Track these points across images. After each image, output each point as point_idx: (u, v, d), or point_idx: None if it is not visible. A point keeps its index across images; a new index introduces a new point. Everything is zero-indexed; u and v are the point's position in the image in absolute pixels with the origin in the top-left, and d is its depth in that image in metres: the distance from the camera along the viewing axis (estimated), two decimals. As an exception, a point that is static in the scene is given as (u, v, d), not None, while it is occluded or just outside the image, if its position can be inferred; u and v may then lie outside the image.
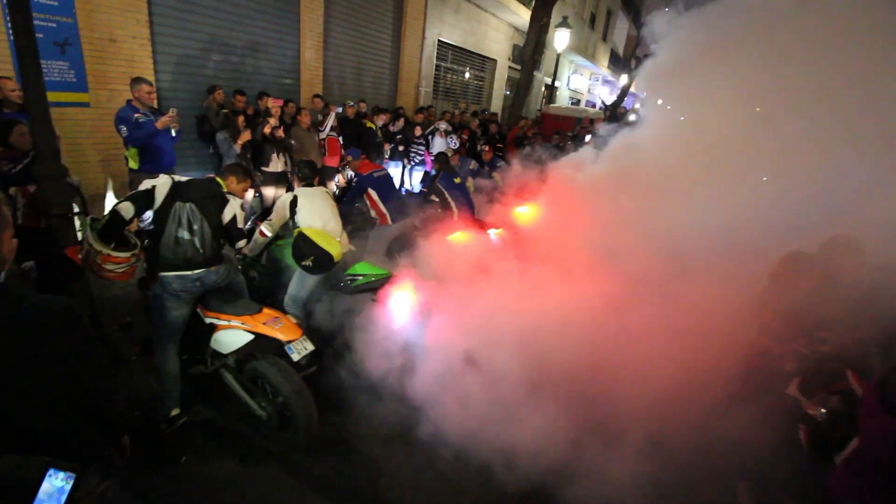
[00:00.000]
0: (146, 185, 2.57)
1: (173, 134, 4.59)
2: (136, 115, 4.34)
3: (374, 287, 3.28)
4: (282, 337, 2.57)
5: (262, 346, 2.66)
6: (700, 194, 3.55)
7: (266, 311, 2.68)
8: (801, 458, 2.14)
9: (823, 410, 2.08)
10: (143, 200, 2.56)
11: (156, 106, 4.66)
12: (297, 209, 3.31)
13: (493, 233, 5.12)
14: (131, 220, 2.60)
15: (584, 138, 10.06)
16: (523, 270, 4.10)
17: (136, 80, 4.42)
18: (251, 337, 2.60)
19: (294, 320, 2.75)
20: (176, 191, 2.57)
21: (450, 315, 3.24)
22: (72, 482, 1.01)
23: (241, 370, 2.77)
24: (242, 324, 2.62)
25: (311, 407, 2.61)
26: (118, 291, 4.37)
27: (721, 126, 3.57)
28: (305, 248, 3.16)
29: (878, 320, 2.16)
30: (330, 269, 3.27)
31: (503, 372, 3.04)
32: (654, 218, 3.95)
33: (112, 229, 2.58)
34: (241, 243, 3.35)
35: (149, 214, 2.68)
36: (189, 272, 2.60)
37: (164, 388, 2.72)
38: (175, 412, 2.75)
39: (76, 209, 3.24)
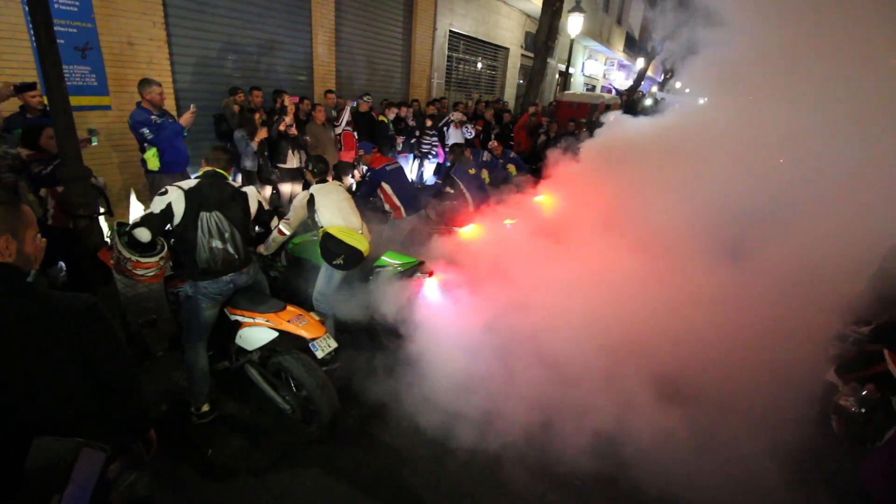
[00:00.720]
0: (160, 204, 2.50)
1: (186, 134, 4.66)
2: (153, 116, 4.41)
3: (406, 274, 3.29)
4: (306, 334, 2.61)
5: (284, 342, 2.70)
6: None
7: (290, 308, 2.72)
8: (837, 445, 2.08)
9: (855, 402, 2.01)
10: (160, 220, 2.51)
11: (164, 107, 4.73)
12: (315, 207, 3.32)
13: (508, 223, 5.09)
14: (152, 241, 2.61)
15: (599, 125, 9.87)
16: (542, 257, 4.09)
17: (146, 82, 4.45)
18: (276, 334, 2.64)
19: (317, 318, 2.78)
20: (193, 199, 2.51)
21: (477, 304, 3.26)
22: (103, 461, 1.05)
23: (265, 365, 2.82)
24: (267, 321, 2.66)
25: (334, 399, 2.65)
26: (142, 289, 4.50)
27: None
28: (334, 246, 3.19)
29: None
30: (359, 264, 3.30)
31: (528, 361, 3.04)
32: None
33: (131, 244, 2.61)
34: (262, 247, 3.42)
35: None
36: (224, 276, 2.66)
37: (194, 384, 2.80)
38: (206, 408, 2.83)
39: (101, 210, 3.33)
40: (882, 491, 1.63)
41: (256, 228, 3.50)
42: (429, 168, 8.51)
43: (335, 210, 3.33)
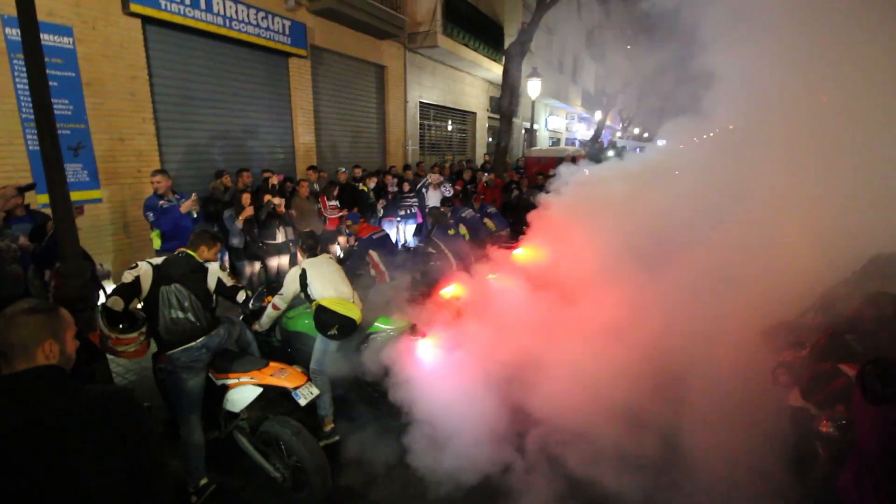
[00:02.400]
0: (129, 276, 2.70)
1: (194, 216, 4.96)
2: (161, 202, 4.76)
3: (398, 339, 3.41)
4: (288, 384, 2.73)
5: (276, 403, 2.81)
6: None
7: (272, 364, 2.87)
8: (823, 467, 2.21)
9: (832, 425, 2.17)
10: (130, 291, 2.69)
11: (170, 193, 5.00)
12: (307, 281, 3.45)
13: (491, 278, 5.31)
14: (125, 310, 2.75)
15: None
16: (528, 309, 4.28)
17: (154, 172, 4.89)
18: (260, 390, 2.75)
19: (299, 369, 2.91)
20: (158, 274, 2.73)
21: (471, 362, 3.37)
22: None
23: (255, 432, 2.87)
24: (251, 378, 2.77)
25: (325, 466, 2.69)
26: (134, 377, 4.47)
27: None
28: (328, 317, 3.30)
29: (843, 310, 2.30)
30: (353, 333, 3.43)
31: (528, 419, 3.12)
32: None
33: (112, 320, 2.77)
34: (256, 325, 3.55)
35: None
36: (192, 343, 2.77)
37: (190, 459, 2.80)
38: (203, 481, 2.83)
39: (102, 299, 3.45)
40: (852, 499, 1.77)
41: (248, 304, 3.63)
42: (409, 229, 8.83)
43: (326, 282, 3.46)
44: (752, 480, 2.52)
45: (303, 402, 2.73)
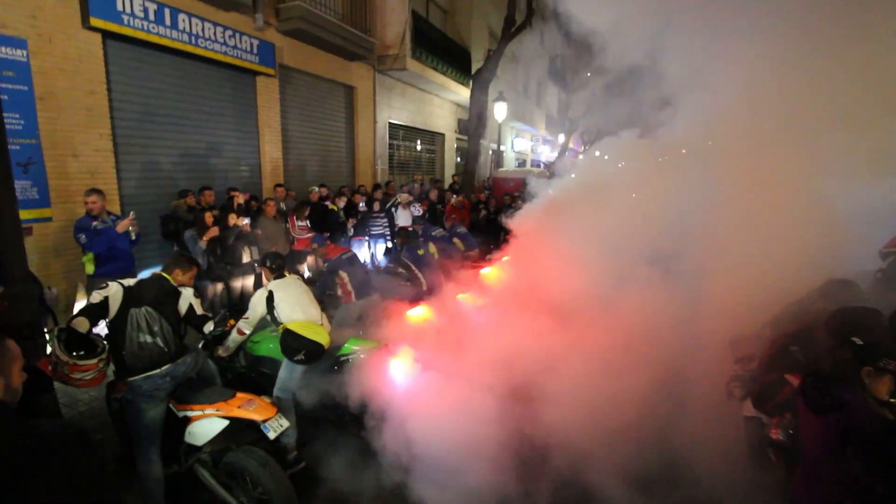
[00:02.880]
0: (97, 296, 2.63)
1: (133, 237, 4.69)
2: (95, 223, 4.48)
3: (368, 360, 3.36)
4: (257, 417, 2.62)
5: (239, 433, 2.65)
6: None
7: (239, 395, 2.74)
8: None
9: (782, 432, 2.32)
10: (97, 311, 2.62)
11: (113, 212, 4.79)
12: (274, 304, 3.35)
13: (461, 297, 5.37)
14: (89, 332, 2.65)
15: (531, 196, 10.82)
16: (499, 328, 4.34)
17: (88, 192, 4.62)
18: (226, 423, 2.62)
19: (268, 400, 2.80)
20: (129, 296, 2.64)
21: (442, 383, 3.36)
22: None
23: (218, 465, 2.73)
24: (217, 410, 2.64)
25: (293, 498, 2.58)
26: (83, 408, 4.19)
27: None
28: (294, 342, 3.21)
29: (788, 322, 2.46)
30: (320, 358, 3.35)
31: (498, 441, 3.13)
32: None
33: (73, 342, 2.62)
34: (220, 350, 3.43)
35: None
36: (156, 370, 2.64)
37: (148, 496, 2.64)
38: None
39: (47, 328, 3.24)
40: (803, 502, 1.89)
41: (210, 329, 3.51)
42: (379, 249, 8.81)
43: (294, 304, 3.38)
44: (714, 488, 2.64)
45: (272, 434, 2.63)
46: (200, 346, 3.76)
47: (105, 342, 2.77)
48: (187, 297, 2.91)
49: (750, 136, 3.55)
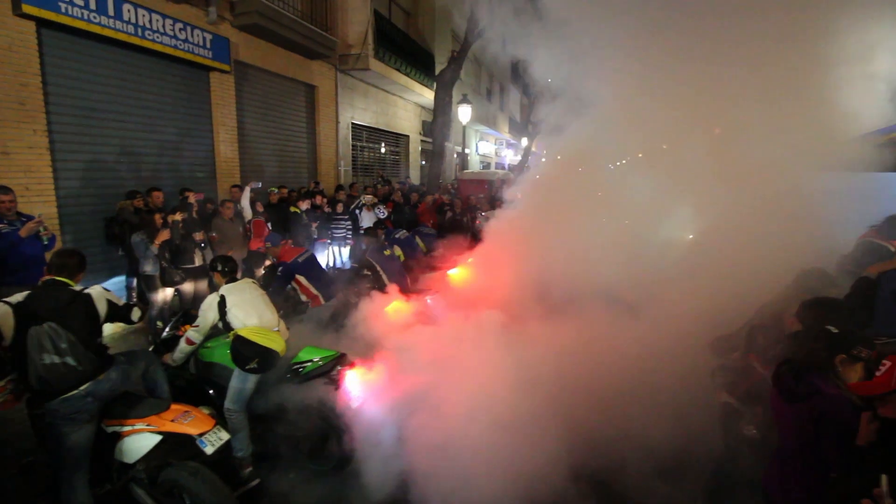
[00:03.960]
0: None
1: (45, 242, 4.16)
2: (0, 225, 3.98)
3: (325, 371, 3.20)
4: (193, 430, 2.43)
5: (175, 446, 2.44)
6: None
7: (174, 406, 2.54)
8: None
9: (755, 430, 2.36)
10: None
11: (29, 214, 4.28)
12: (226, 309, 3.13)
13: (428, 298, 5.30)
14: None
15: (499, 198, 10.93)
16: (467, 330, 4.29)
17: None
18: (159, 438, 2.41)
19: (206, 411, 2.61)
20: (20, 315, 2.25)
21: (406, 393, 3.25)
22: None
23: (154, 482, 2.49)
24: (148, 425, 2.43)
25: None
26: (17, 426, 3.81)
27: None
28: (246, 350, 3.01)
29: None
30: (275, 366, 3.17)
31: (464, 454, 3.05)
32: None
33: None
34: (168, 358, 3.21)
35: None
36: (74, 391, 2.33)
37: None
38: None
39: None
40: (777, 495, 1.93)
41: (161, 334, 3.27)
42: (344, 252, 8.61)
43: (249, 308, 3.18)
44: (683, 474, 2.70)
45: (209, 449, 2.43)
46: (151, 349, 3.50)
47: (10, 363, 2.42)
48: (100, 296, 2.54)
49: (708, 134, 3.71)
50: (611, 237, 4.38)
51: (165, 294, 5.19)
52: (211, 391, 3.37)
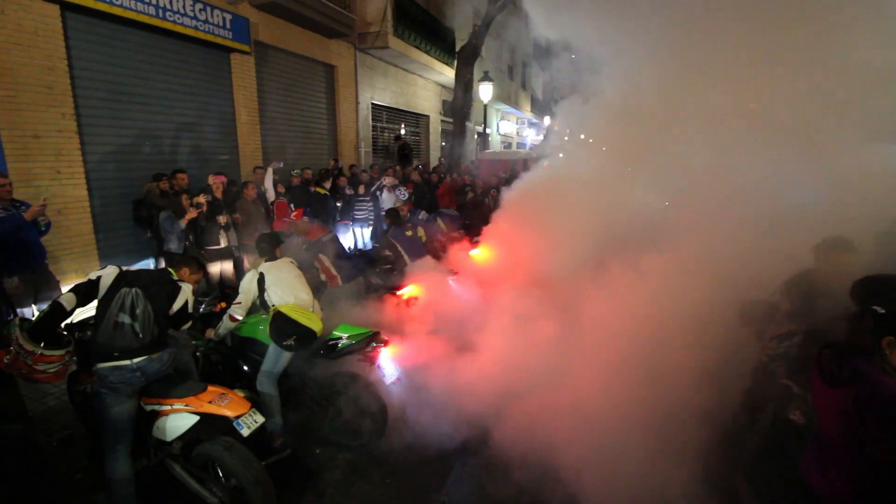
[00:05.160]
0: (92, 275, 2.52)
1: (42, 228, 4.10)
2: None
3: (359, 347, 3.22)
4: (229, 413, 2.47)
5: (211, 426, 2.52)
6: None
7: (211, 388, 2.58)
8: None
9: (801, 417, 2.23)
10: (87, 290, 2.50)
11: (23, 200, 4.17)
12: (265, 286, 3.21)
13: (450, 279, 5.25)
14: (72, 312, 2.50)
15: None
16: (490, 309, 4.23)
17: None
18: (196, 419, 2.47)
19: (242, 394, 2.67)
20: (122, 279, 2.52)
21: (436, 370, 3.26)
22: None
23: (189, 457, 2.60)
24: (186, 405, 2.49)
25: (268, 485, 2.46)
26: (54, 402, 3.98)
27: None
28: (286, 327, 3.06)
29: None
30: (312, 345, 3.20)
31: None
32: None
33: (51, 322, 2.49)
34: (211, 332, 3.32)
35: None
36: (127, 361, 2.44)
37: (117, 496, 2.48)
38: None
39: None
40: (817, 483, 1.82)
41: (199, 309, 3.35)
42: (366, 233, 8.61)
43: (286, 288, 3.24)
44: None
45: (245, 431, 2.48)
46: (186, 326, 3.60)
47: (71, 338, 2.64)
48: (186, 293, 2.71)
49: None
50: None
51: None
52: (245, 366, 3.45)
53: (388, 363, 3.19)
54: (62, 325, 2.63)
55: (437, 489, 2.91)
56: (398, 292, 4.68)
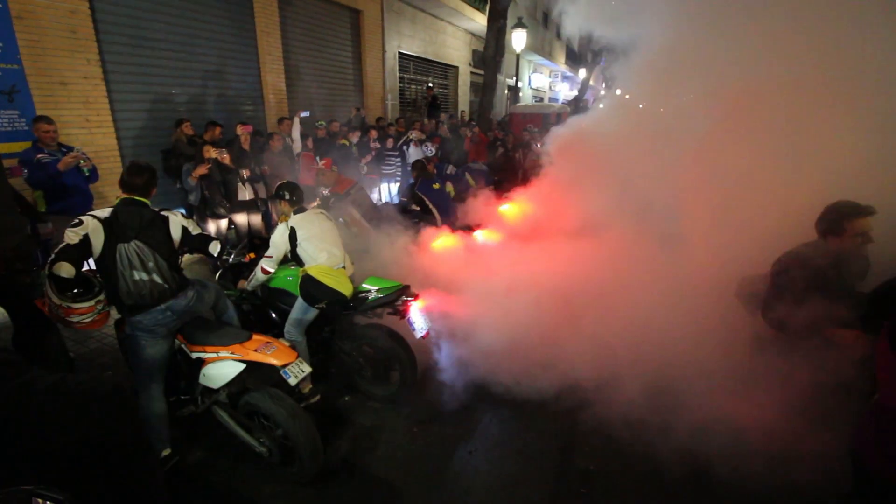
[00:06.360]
0: (74, 236, 2.25)
1: (86, 173, 4.29)
2: (40, 155, 4.09)
3: (389, 300, 3.15)
4: (276, 362, 2.42)
5: (257, 375, 2.51)
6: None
7: (256, 337, 2.54)
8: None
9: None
10: (78, 253, 2.27)
11: (68, 145, 4.38)
12: (297, 241, 3.11)
13: (478, 234, 5.07)
14: (78, 274, 2.34)
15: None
16: (518, 265, 4.09)
17: (35, 119, 4.24)
18: (242, 367, 2.44)
19: (286, 343, 2.62)
20: (110, 230, 2.32)
21: (465, 323, 3.20)
22: None
23: (235, 406, 2.60)
24: (232, 353, 2.45)
25: (315, 435, 2.45)
26: (95, 345, 4.12)
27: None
28: (316, 291, 3.00)
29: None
30: (342, 307, 3.13)
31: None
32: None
33: (62, 287, 2.39)
34: (244, 283, 3.28)
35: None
36: (159, 306, 2.44)
37: (151, 429, 2.53)
38: (166, 452, 2.58)
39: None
40: (874, 461, 1.64)
41: (229, 259, 3.30)
42: (393, 188, 8.46)
43: (319, 243, 3.13)
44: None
45: (293, 381, 2.43)
46: (217, 277, 3.59)
47: (101, 283, 2.54)
48: (177, 222, 2.56)
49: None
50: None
51: (219, 225, 5.28)
52: (274, 314, 3.45)
53: (418, 317, 3.10)
54: (91, 270, 2.56)
55: (465, 440, 2.88)
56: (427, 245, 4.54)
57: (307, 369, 2.52)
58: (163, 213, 2.54)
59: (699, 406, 2.64)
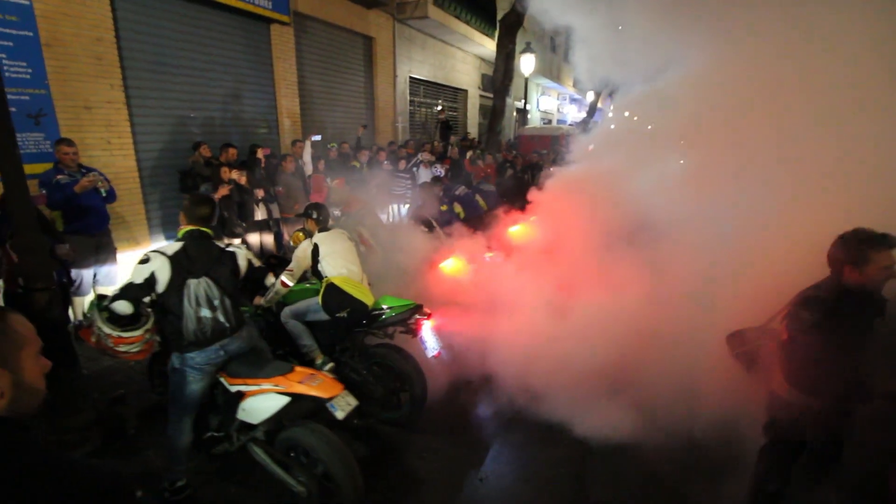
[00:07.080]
0: (141, 273, 2.27)
1: (103, 194, 4.44)
2: (59, 176, 4.24)
3: (403, 318, 3.17)
4: (322, 394, 2.33)
5: (296, 409, 2.41)
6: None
7: (299, 369, 2.46)
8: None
9: None
10: (142, 291, 2.29)
11: (89, 167, 4.54)
12: (318, 258, 3.21)
13: (487, 256, 5.08)
14: (136, 313, 2.40)
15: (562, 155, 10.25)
16: (528, 287, 4.08)
17: (57, 142, 4.39)
18: (287, 400, 2.33)
19: (331, 375, 2.55)
20: (179, 266, 2.31)
21: (480, 345, 3.20)
22: None
23: (273, 442, 2.49)
24: (275, 386, 2.36)
25: (357, 471, 2.32)
26: (107, 363, 4.15)
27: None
28: (339, 299, 3.07)
29: None
30: (363, 318, 3.17)
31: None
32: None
33: (112, 318, 2.42)
34: (261, 300, 3.29)
35: None
36: (213, 344, 2.42)
37: (172, 459, 2.53)
38: (181, 483, 2.55)
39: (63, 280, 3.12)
40: None
41: (272, 282, 3.36)
42: (404, 210, 8.54)
43: (339, 259, 3.24)
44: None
45: (340, 414, 2.34)
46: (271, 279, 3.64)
47: (150, 310, 2.53)
48: (243, 256, 2.58)
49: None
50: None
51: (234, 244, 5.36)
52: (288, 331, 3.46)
53: (430, 336, 3.11)
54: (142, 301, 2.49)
55: (476, 466, 2.83)
56: (436, 267, 4.56)
57: (353, 402, 2.44)
58: (229, 248, 2.55)
59: (721, 435, 2.57)
